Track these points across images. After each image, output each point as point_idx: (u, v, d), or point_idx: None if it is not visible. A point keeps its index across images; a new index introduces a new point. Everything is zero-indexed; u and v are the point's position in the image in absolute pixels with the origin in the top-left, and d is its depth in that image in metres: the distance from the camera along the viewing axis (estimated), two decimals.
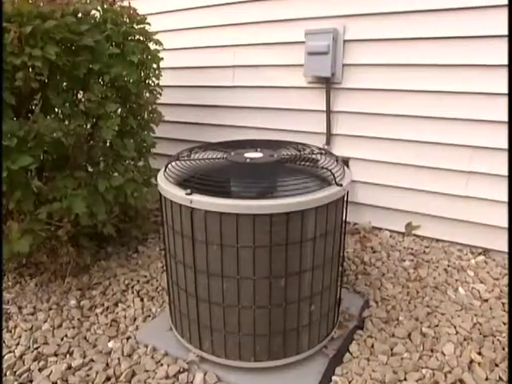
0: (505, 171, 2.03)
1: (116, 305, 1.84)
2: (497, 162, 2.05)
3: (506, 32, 1.87)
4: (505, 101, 1.95)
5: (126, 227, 2.32)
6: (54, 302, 1.85)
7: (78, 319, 1.75)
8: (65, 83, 1.82)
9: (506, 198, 2.06)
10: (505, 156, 2.01)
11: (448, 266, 2.10)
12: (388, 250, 2.26)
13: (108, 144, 2.06)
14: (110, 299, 1.88)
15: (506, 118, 1.97)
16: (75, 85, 1.86)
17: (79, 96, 1.92)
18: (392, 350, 1.53)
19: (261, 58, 2.60)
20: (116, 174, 2.03)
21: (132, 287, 1.96)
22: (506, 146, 1.99)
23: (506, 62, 1.91)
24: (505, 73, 1.93)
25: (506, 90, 1.93)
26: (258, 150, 1.55)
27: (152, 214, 2.67)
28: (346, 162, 2.44)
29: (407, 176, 2.33)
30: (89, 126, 1.93)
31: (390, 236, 2.43)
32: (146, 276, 2.05)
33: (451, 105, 2.11)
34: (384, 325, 1.66)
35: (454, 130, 2.14)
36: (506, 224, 2.06)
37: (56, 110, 1.85)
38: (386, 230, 2.48)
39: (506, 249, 2.12)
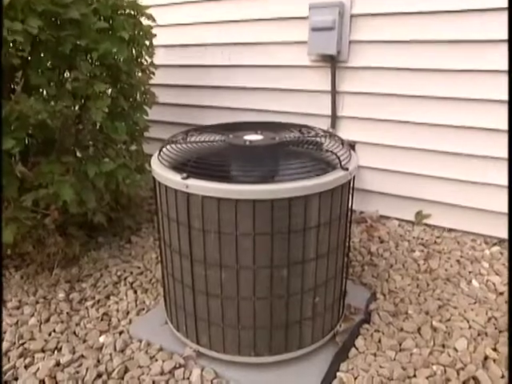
0: None
1: (108, 298, 1.85)
2: None
3: None
4: None
5: (118, 216, 2.31)
6: (41, 295, 1.85)
7: (67, 313, 1.75)
8: (49, 61, 1.80)
9: None
10: None
11: (461, 256, 2.10)
12: (396, 240, 2.26)
13: (98, 127, 2.05)
14: (101, 292, 1.88)
15: None
16: (61, 62, 1.84)
17: (66, 75, 1.90)
18: (400, 345, 1.54)
19: (260, 34, 2.58)
20: (107, 159, 2.01)
21: (125, 279, 1.97)
22: None
23: None
24: None
25: None
26: (259, 132, 1.54)
27: (146, 202, 2.67)
28: (352, 145, 2.43)
29: (418, 161, 2.32)
30: (77, 108, 1.92)
31: (399, 225, 2.43)
32: (139, 267, 2.06)
33: (470, 84, 2.09)
34: (392, 318, 1.66)
35: (472, 112, 2.12)
36: None
37: (40, 89, 1.83)
38: (394, 218, 2.48)
39: None
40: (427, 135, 2.26)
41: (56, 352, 1.55)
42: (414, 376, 1.41)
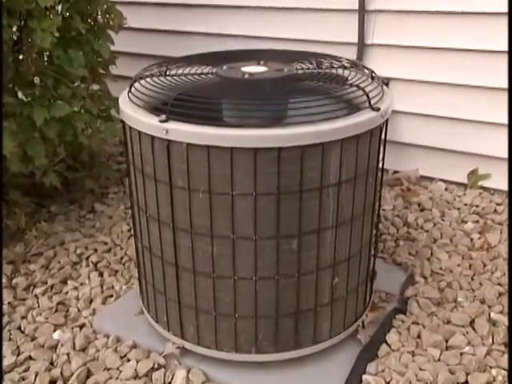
0: None
1: (64, 282, 1.87)
2: None
3: None
4: None
5: (77, 177, 2.33)
6: None
7: (10, 303, 1.77)
8: None
9: None
10: None
11: None
12: (442, 208, 2.28)
13: (45, 57, 2.04)
14: (55, 275, 1.90)
15: None
16: None
17: None
18: (447, 341, 1.56)
19: None
20: (60, 101, 2.01)
21: (87, 258, 2.00)
22: None
23: None
24: None
25: None
26: (262, 62, 1.54)
27: (113, 159, 2.69)
28: (385, 83, 2.41)
29: (475, 103, 2.31)
30: (14, 29, 1.89)
31: (446, 189, 2.45)
32: (106, 243, 2.09)
33: None
34: (436, 308, 1.68)
35: None
36: None
37: None
38: (439, 180, 2.50)
39: None
40: (492, 67, 2.22)
41: None
42: (466, 382, 1.43)
